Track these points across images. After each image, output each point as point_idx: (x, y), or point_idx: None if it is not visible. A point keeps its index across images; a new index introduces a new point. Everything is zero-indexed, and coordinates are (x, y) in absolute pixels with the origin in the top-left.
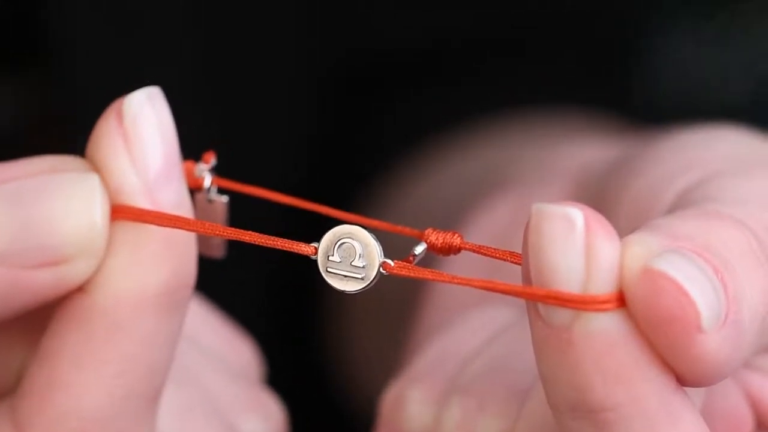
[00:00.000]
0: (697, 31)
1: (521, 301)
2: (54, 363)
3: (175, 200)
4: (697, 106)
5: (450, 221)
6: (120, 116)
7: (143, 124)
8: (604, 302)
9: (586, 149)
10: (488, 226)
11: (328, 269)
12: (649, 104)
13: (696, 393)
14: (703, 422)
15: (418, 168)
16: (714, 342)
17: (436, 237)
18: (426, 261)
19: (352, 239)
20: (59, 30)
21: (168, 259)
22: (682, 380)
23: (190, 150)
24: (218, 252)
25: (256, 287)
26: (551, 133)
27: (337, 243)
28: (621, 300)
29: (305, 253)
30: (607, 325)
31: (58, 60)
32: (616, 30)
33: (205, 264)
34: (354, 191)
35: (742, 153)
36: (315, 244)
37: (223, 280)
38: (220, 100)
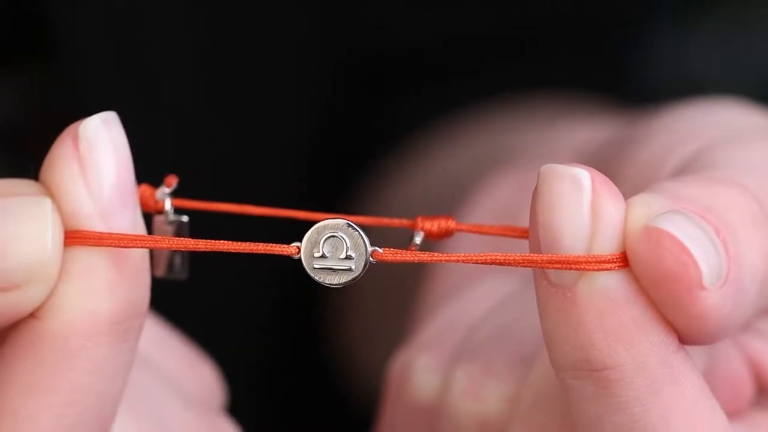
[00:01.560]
0: (697, 30)
1: (525, 271)
2: (1, 391)
3: (129, 225)
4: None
5: (454, 204)
6: (76, 141)
7: (99, 149)
8: (607, 262)
9: (587, 127)
10: (491, 203)
11: (315, 266)
12: (649, 104)
13: (697, 355)
14: (704, 382)
15: (422, 157)
16: (715, 300)
17: (431, 224)
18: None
19: (337, 232)
20: (60, 29)
21: (121, 286)
22: (683, 339)
23: (191, 148)
24: (177, 273)
25: (258, 274)
26: (551, 116)
27: (323, 238)
28: (624, 260)
29: (287, 254)
30: (610, 284)
31: (59, 59)
32: (615, 30)
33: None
34: (354, 189)
35: (744, 124)
36: (297, 244)
37: (225, 271)
38: (220, 99)
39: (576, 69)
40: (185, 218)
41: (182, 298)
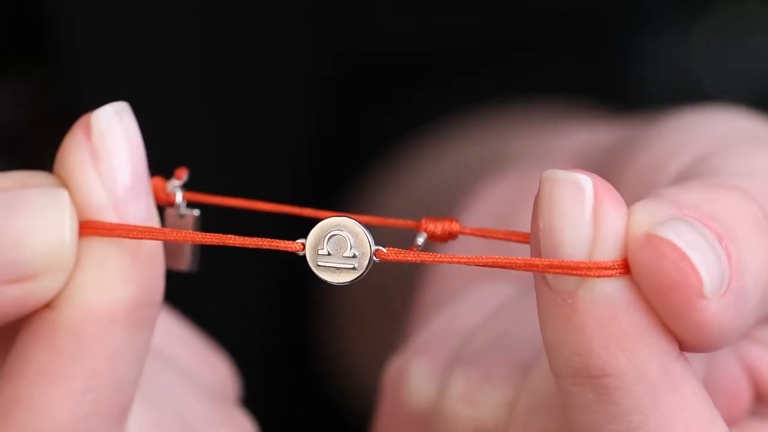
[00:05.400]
0: (696, 30)
1: (523, 277)
2: (19, 380)
3: (143, 215)
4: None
5: (450, 207)
6: (88, 131)
7: (111, 138)
8: (608, 269)
9: (585, 131)
10: (489, 205)
11: (319, 263)
12: (648, 104)
13: (696, 362)
14: (704, 389)
15: (417, 159)
16: (716, 308)
17: (435, 226)
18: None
19: (342, 231)
20: (60, 29)
21: (135, 275)
22: (683, 346)
23: (190, 148)
24: (188, 266)
25: (253, 286)
26: (549, 120)
27: (327, 236)
28: (626, 267)
29: (292, 250)
30: (611, 291)
31: (59, 60)
32: (614, 31)
33: (204, 265)
34: (353, 189)
35: (743, 130)
36: (302, 240)
37: (218, 283)
38: (220, 99)
39: (575, 69)
40: (196, 212)
41: (179, 300)
